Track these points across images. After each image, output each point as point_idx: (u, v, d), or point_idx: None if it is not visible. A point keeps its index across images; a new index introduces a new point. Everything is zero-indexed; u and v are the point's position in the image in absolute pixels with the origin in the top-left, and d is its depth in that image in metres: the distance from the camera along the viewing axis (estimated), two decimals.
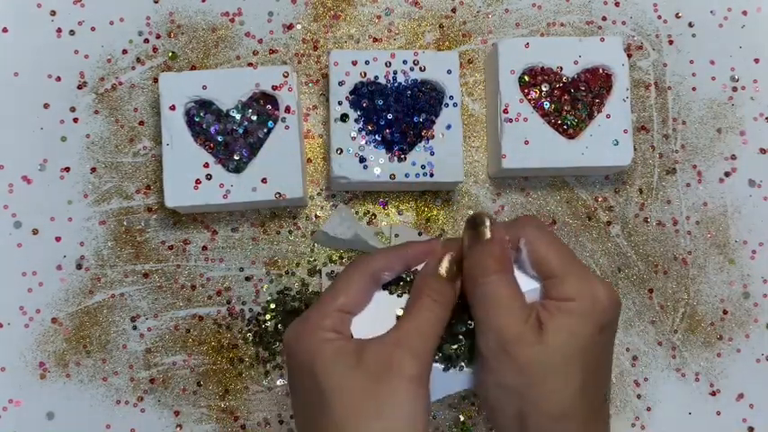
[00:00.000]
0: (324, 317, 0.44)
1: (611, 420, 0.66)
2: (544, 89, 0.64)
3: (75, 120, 0.66)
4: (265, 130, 0.62)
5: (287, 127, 0.61)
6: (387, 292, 0.47)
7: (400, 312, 0.45)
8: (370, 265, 0.46)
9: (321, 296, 0.46)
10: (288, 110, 0.62)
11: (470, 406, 0.65)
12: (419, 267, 0.47)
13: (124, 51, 0.67)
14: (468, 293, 0.45)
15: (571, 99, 0.63)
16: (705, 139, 0.69)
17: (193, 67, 0.67)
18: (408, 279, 0.47)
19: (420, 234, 0.65)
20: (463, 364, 0.45)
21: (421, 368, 0.42)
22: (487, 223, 0.45)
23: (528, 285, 0.45)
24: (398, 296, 0.46)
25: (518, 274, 0.45)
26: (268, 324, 0.64)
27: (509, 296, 0.43)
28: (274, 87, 0.62)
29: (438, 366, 0.45)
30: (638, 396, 0.66)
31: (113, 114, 0.67)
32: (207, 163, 0.61)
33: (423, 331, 0.43)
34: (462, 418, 0.65)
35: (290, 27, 0.68)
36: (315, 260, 0.66)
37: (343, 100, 0.62)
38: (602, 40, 0.64)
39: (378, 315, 0.45)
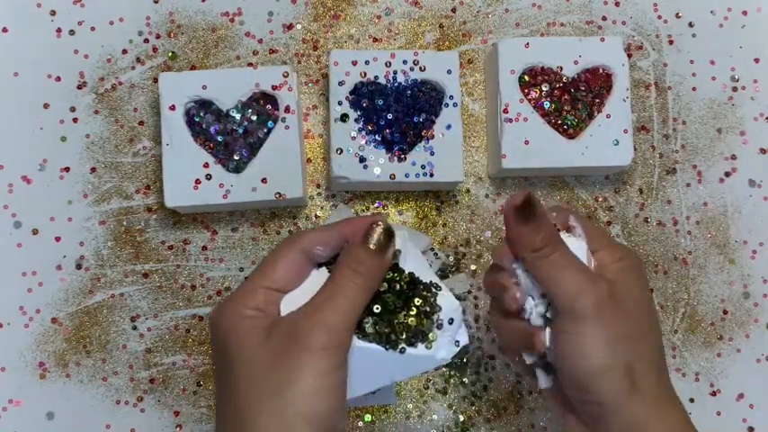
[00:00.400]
0: (248, 294, 0.43)
1: None
2: (544, 89, 0.63)
3: (75, 120, 0.66)
4: (265, 130, 0.62)
5: (287, 127, 0.61)
6: (326, 270, 0.45)
7: None
8: (301, 240, 0.44)
9: (251, 273, 0.45)
10: (288, 110, 0.62)
11: (470, 406, 0.65)
12: None
13: (124, 51, 0.67)
14: (533, 266, 0.46)
15: (571, 99, 0.63)
16: (705, 139, 0.69)
17: (193, 67, 0.67)
18: None
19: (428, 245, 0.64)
20: (404, 346, 0.43)
21: (331, 340, 0.40)
22: (535, 203, 0.46)
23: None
24: None
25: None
26: None
27: (576, 260, 0.46)
28: (274, 87, 0.62)
29: (377, 348, 0.43)
30: None
31: (113, 114, 0.67)
32: (207, 163, 0.61)
33: (337, 303, 0.41)
34: (462, 418, 0.65)
35: (290, 27, 0.68)
36: None
37: (343, 100, 0.62)
38: (603, 40, 0.64)
39: (314, 293, 0.43)
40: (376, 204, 0.66)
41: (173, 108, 0.61)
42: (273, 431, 0.39)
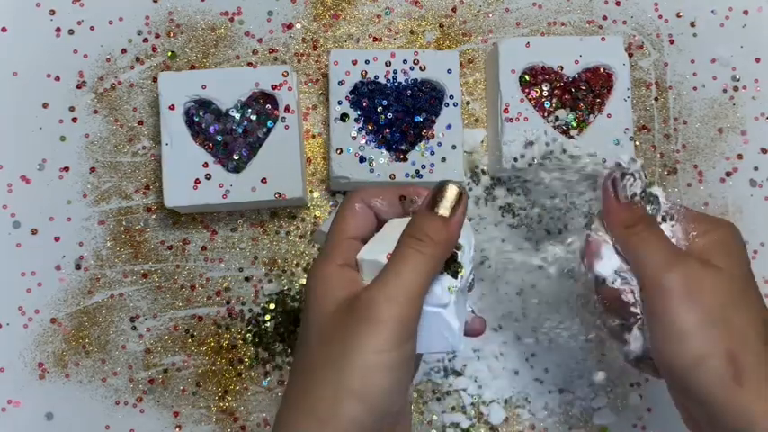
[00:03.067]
0: (335, 248, 0.42)
1: (610, 422, 0.66)
2: (545, 89, 0.63)
3: (75, 119, 0.66)
4: (265, 130, 0.62)
5: (287, 127, 0.61)
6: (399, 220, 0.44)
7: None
8: (359, 193, 0.44)
9: (329, 231, 0.44)
10: (287, 109, 0.61)
11: (471, 407, 0.65)
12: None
13: (123, 51, 0.67)
14: (624, 243, 0.45)
15: (572, 99, 0.63)
16: (706, 139, 0.69)
17: (193, 67, 0.67)
18: None
19: None
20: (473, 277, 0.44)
21: (392, 314, 0.38)
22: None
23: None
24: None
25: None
26: (267, 324, 0.64)
27: (666, 239, 0.45)
28: (274, 87, 0.61)
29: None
30: (640, 396, 0.66)
31: (112, 114, 0.66)
32: (206, 163, 0.61)
33: (401, 276, 0.39)
34: (463, 419, 0.64)
35: (289, 26, 0.68)
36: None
37: (343, 100, 0.62)
38: (603, 39, 0.64)
39: (386, 240, 0.42)
40: None
41: (172, 108, 0.61)
42: (324, 403, 0.38)
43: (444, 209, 0.40)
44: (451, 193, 0.41)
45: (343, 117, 0.61)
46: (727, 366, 0.40)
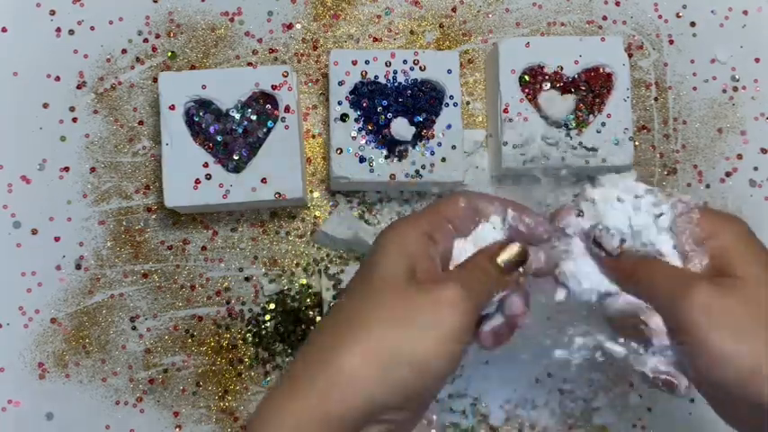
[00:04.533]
0: (424, 217, 0.43)
1: (610, 422, 0.66)
2: (545, 88, 0.63)
3: (75, 119, 0.66)
4: (265, 130, 0.62)
5: (287, 127, 0.61)
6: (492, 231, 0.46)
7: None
8: (474, 198, 0.45)
9: (426, 207, 0.46)
10: (287, 109, 0.61)
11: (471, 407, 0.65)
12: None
13: (123, 51, 0.67)
14: (636, 293, 0.44)
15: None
16: (706, 139, 0.69)
17: (193, 67, 0.67)
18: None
19: None
20: None
21: (473, 310, 0.40)
22: (613, 244, 0.45)
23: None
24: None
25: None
26: (267, 324, 0.64)
27: (668, 268, 0.43)
28: (274, 87, 0.61)
29: None
30: (640, 396, 0.66)
31: (113, 114, 0.67)
32: (206, 163, 0.61)
33: (472, 287, 0.41)
34: (463, 420, 0.65)
35: (289, 27, 0.68)
36: (317, 260, 0.65)
37: (343, 100, 0.62)
38: (603, 39, 0.64)
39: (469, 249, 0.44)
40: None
41: (172, 108, 0.61)
42: (359, 369, 0.38)
43: (502, 260, 0.44)
44: (514, 250, 0.44)
45: (343, 117, 0.62)
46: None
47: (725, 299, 0.40)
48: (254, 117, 0.62)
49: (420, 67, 0.62)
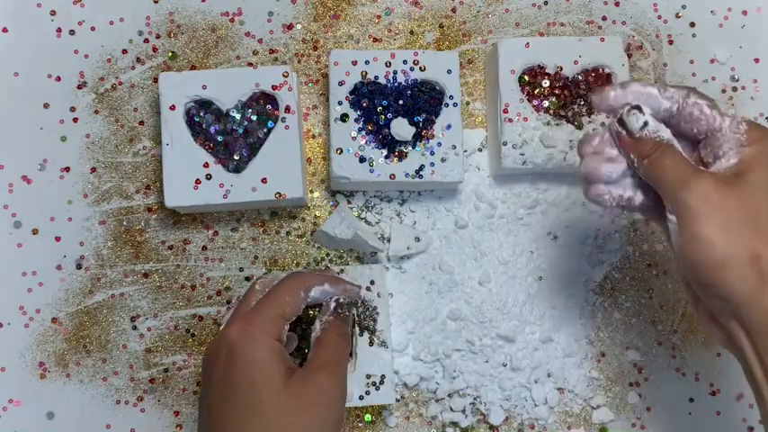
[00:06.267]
0: (272, 324, 0.50)
1: (610, 422, 0.66)
2: (544, 86, 0.63)
3: (75, 120, 0.66)
4: (265, 130, 0.62)
5: (287, 127, 0.61)
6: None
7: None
8: (304, 280, 0.54)
9: (260, 302, 0.52)
10: (288, 110, 0.62)
11: (471, 407, 0.65)
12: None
13: (124, 51, 0.67)
14: (646, 172, 0.47)
15: (571, 99, 0.63)
16: None
17: (193, 67, 0.67)
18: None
19: (417, 239, 0.65)
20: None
21: (339, 381, 0.51)
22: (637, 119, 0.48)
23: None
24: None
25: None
26: None
27: (682, 158, 0.46)
28: (274, 87, 0.62)
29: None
30: (639, 395, 0.66)
31: (113, 114, 0.67)
32: (207, 163, 0.61)
33: (341, 365, 0.52)
34: (462, 420, 0.65)
35: (289, 27, 0.68)
36: (317, 260, 0.66)
37: (343, 100, 0.62)
38: (603, 39, 0.64)
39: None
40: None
41: (173, 108, 0.61)
42: None
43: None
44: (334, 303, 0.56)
45: (344, 117, 0.62)
46: (751, 267, 0.42)
47: (724, 195, 0.43)
48: (254, 117, 0.62)
49: (420, 68, 0.62)
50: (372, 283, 0.61)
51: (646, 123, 0.47)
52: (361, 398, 0.58)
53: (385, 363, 0.59)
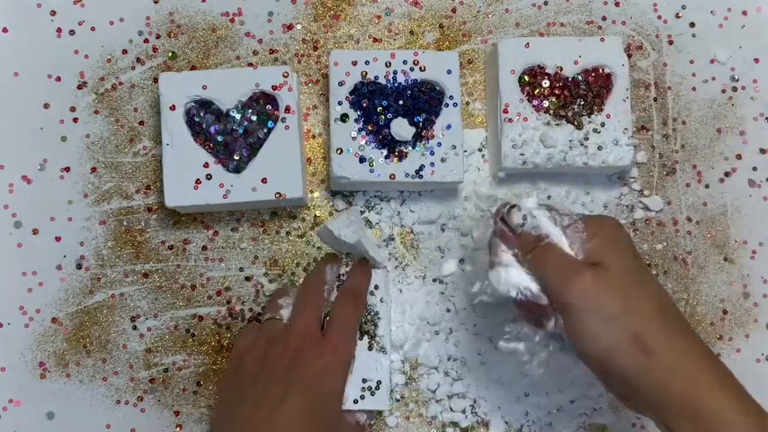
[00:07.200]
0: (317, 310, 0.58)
1: (610, 422, 0.66)
2: (544, 87, 0.63)
3: (75, 120, 0.66)
4: (265, 130, 0.62)
5: (287, 127, 0.61)
6: None
7: None
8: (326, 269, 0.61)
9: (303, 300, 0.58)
10: (288, 110, 0.62)
11: (470, 407, 0.65)
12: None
13: (124, 51, 0.67)
14: (531, 268, 0.51)
15: (571, 99, 0.63)
16: (705, 139, 0.69)
17: (193, 67, 0.67)
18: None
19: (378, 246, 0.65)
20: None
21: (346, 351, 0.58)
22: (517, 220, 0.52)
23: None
24: None
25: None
26: None
27: (560, 254, 0.50)
28: (274, 87, 0.62)
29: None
30: None
31: (113, 114, 0.67)
32: (207, 163, 0.61)
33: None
34: (463, 420, 0.65)
35: (289, 27, 0.68)
36: (317, 260, 0.66)
37: (343, 100, 0.62)
38: (603, 39, 0.64)
39: None
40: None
41: (173, 108, 0.61)
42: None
43: None
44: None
45: (343, 117, 0.62)
46: (634, 347, 0.46)
47: (599, 288, 0.48)
48: (254, 117, 0.62)
49: (420, 68, 0.62)
50: (376, 287, 0.61)
51: (525, 218, 0.51)
52: (355, 401, 0.58)
53: (382, 368, 0.59)
